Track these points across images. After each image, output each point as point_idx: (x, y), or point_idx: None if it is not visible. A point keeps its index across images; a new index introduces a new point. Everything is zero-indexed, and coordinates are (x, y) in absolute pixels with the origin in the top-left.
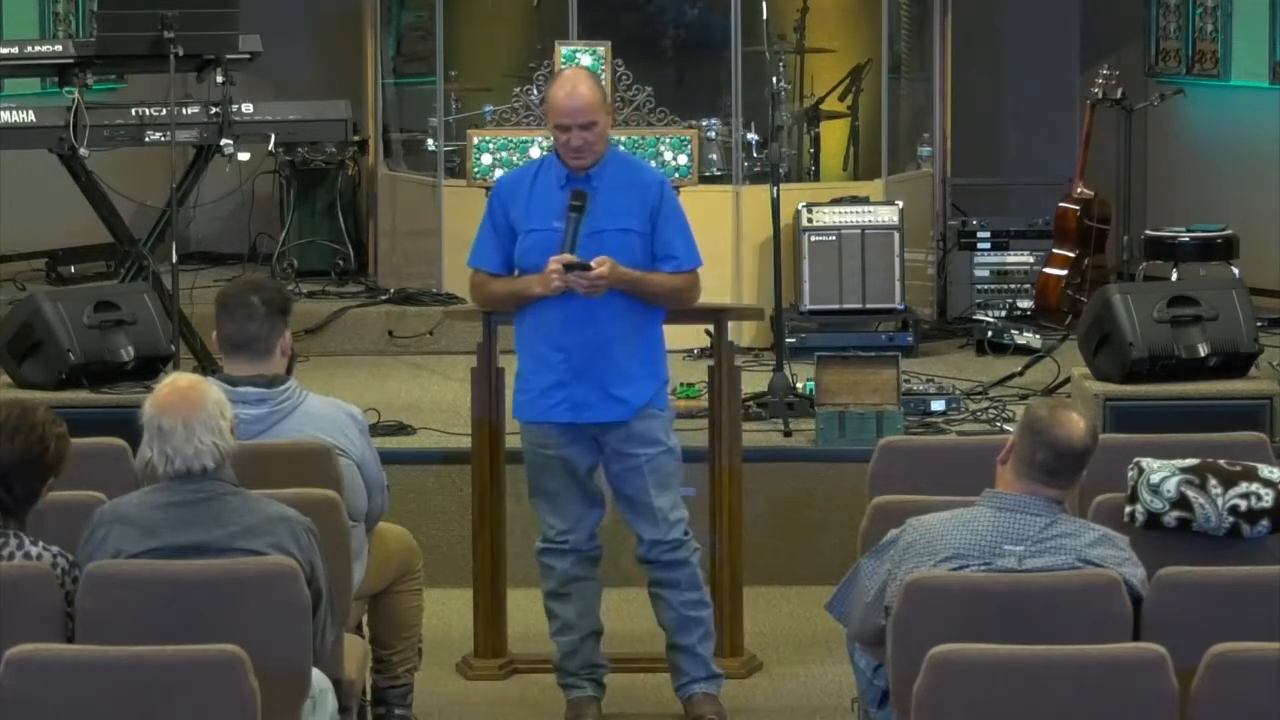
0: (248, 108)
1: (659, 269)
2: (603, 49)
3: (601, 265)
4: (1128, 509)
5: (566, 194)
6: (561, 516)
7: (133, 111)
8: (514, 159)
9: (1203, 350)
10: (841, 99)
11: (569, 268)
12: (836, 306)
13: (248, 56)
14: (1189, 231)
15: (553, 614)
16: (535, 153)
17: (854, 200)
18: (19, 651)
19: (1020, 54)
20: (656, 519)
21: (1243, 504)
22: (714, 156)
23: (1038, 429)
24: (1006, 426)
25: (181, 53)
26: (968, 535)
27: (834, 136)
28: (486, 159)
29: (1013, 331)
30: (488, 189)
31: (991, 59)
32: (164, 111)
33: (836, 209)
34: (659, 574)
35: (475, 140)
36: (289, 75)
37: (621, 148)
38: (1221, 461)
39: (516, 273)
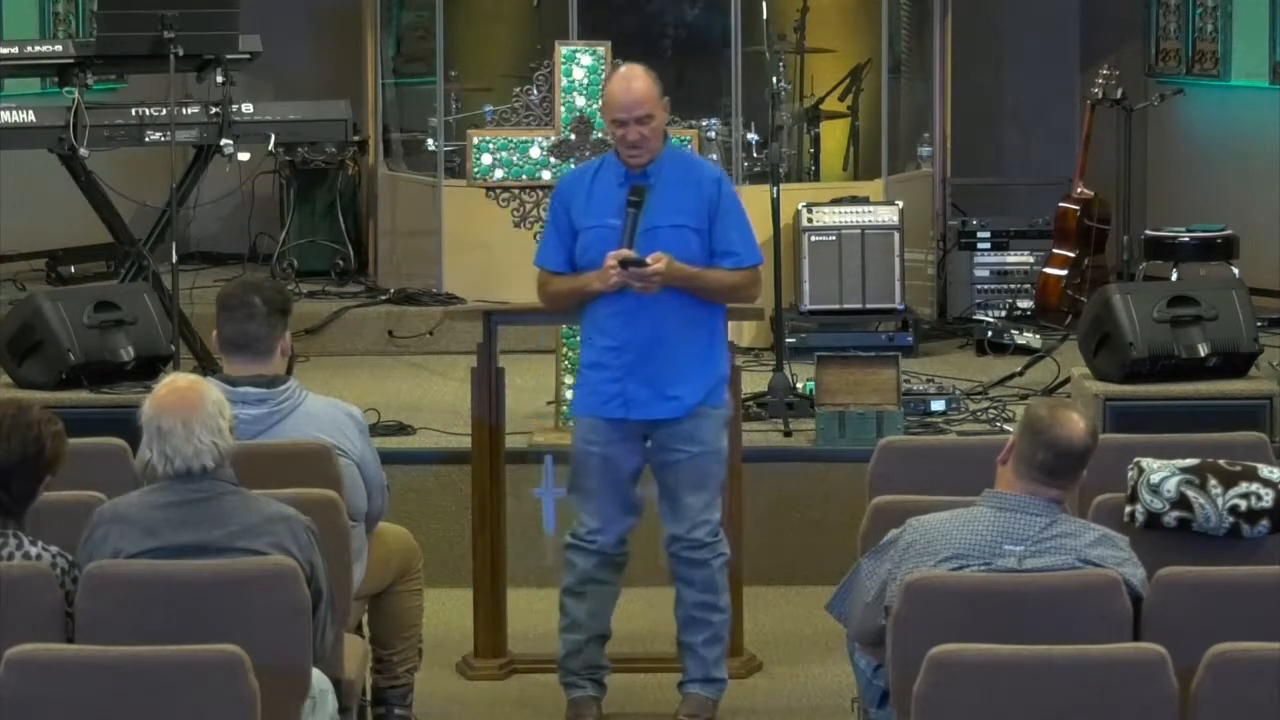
0: (248, 108)
1: (718, 265)
2: (603, 49)
3: (658, 262)
4: (1128, 509)
5: (624, 191)
6: (593, 516)
7: (133, 111)
8: (514, 159)
9: (1203, 350)
10: (841, 99)
11: (625, 264)
12: (836, 306)
13: (248, 56)
14: (1189, 231)
15: (564, 609)
16: (535, 153)
17: (854, 200)
18: (19, 651)
19: (1020, 54)
20: (683, 515)
21: (1243, 504)
22: (714, 156)
23: (1038, 429)
24: (1006, 426)
25: (181, 53)
26: (968, 535)
27: (834, 136)
28: (486, 159)
29: (1013, 331)
30: (488, 189)
31: (991, 59)
32: (164, 111)
33: (836, 209)
34: (677, 568)
35: (475, 140)
36: (289, 75)
37: (685, 146)
38: (1221, 461)
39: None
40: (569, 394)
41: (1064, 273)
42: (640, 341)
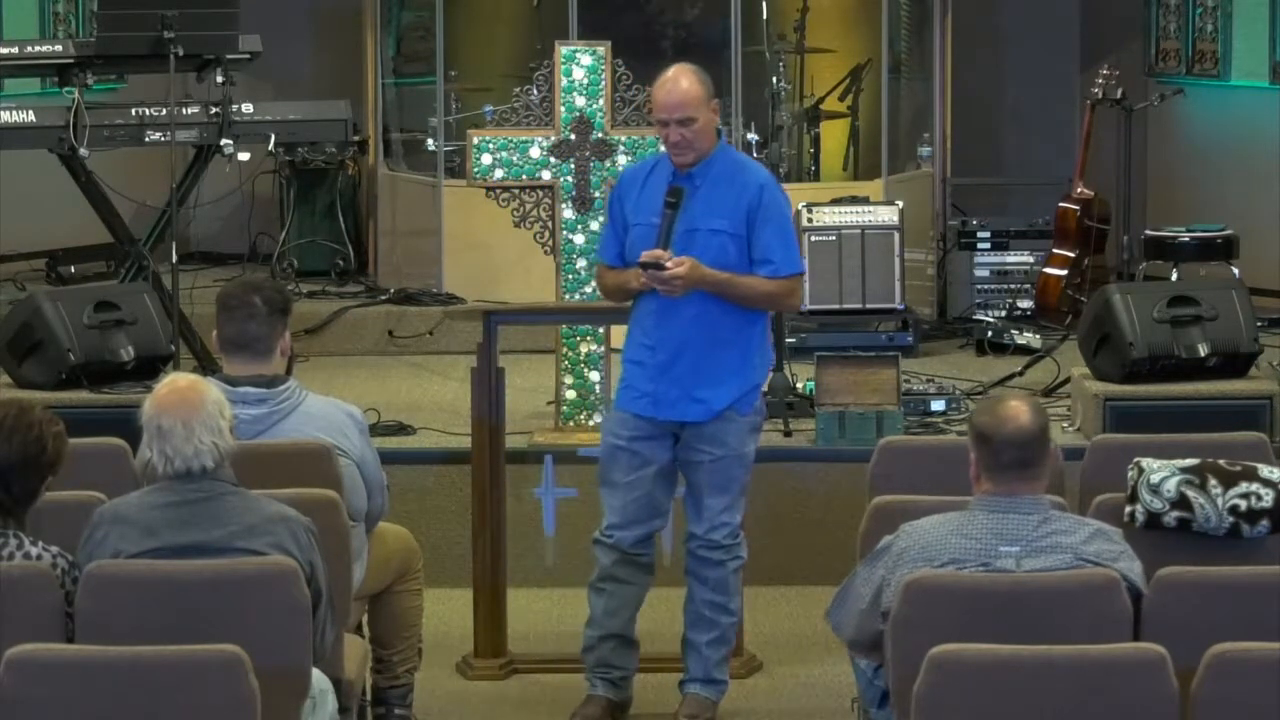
0: (248, 108)
1: (755, 273)
2: (603, 49)
3: (680, 265)
4: (1128, 509)
5: None
6: (614, 511)
7: (133, 111)
8: (514, 159)
9: (1203, 350)
10: (841, 99)
11: (645, 266)
12: (836, 306)
13: (248, 56)
14: (1189, 231)
15: (589, 602)
16: (535, 153)
17: (854, 200)
18: (19, 651)
19: (1020, 54)
20: (703, 515)
21: (1243, 504)
22: None
23: (990, 433)
24: None
25: (181, 53)
26: (963, 540)
27: (834, 136)
28: (486, 159)
29: (1013, 331)
30: (488, 189)
31: (991, 59)
32: (164, 111)
33: (836, 209)
34: (692, 565)
35: (475, 140)
36: (289, 75)
37: (731, 146)
38: (1221, 461)
39: None
40: (569, 394)
41: (1064, 273)
42: (672, 342)
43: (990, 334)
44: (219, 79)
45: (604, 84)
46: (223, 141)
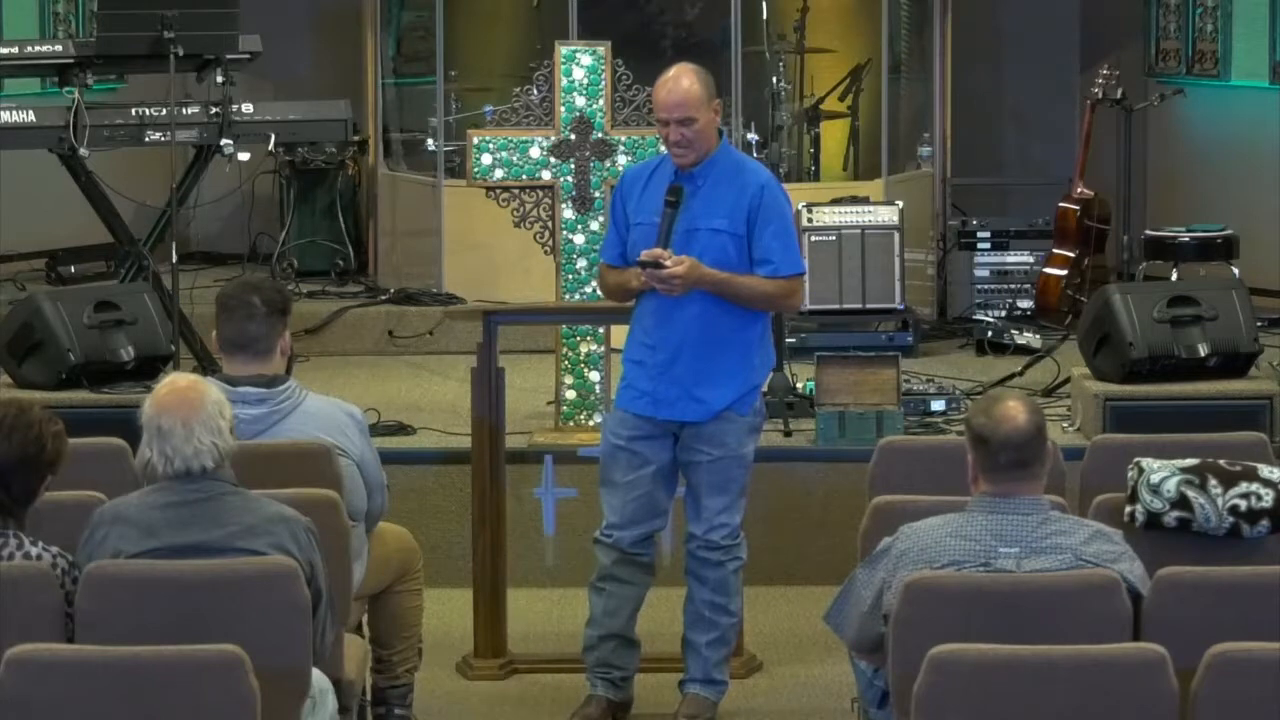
0: (248, 108)
1: (755, 273)
2: (603, 49)
3: (679, 265)
4: (1128, 509)
5: None
6: (614, 510)
7: (133, 111)
8: (514, 159)
9: (1203, 350)
10: (841, 99)
11: (644, 265)
12: (836, 306)
13: (248, 56)
14: (1189, 231)
15: (589, 602)
16: (535, 153)
17: (854, 200)
18: (19, 651)
19: (1020, 54)
20: (702, 516)
21: (1243, 504)
22: None
23: (986, 435)
24: None
25: (181, 53)
26: (962, 542)
27: (834, 136)
28: (486, 159)
29: (1013, 331)
30: (488, 189)
31: (991, 59)
32: (164, 111)
33: (836, 209)
34: (691, 565)
35: (475, 140)
36: (289, 75)
37: (733, 146)
38: (1221, 461)
39: None
40: (569, 394)
41: (1064, 273)
42: (672, 342)
43: (990, 334)
44: (219, 79)
45: (604, 84)
46: (223, 141)
